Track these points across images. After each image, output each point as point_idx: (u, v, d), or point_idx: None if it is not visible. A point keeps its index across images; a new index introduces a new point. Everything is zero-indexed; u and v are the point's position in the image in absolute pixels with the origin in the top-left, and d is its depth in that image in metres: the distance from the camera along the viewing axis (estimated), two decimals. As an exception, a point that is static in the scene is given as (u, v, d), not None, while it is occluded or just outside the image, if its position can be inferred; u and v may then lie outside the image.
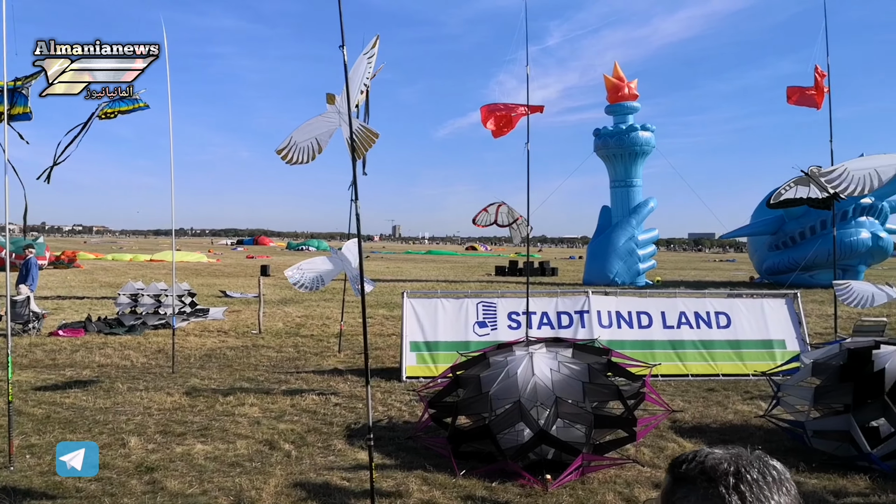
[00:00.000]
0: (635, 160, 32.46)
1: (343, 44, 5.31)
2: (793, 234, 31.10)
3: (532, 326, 11.01)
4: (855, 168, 5.18)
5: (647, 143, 32.27)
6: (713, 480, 1.15)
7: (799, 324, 11.46)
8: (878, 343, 7.52)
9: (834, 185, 5.20)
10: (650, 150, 32.64)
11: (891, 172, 5.16)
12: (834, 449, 6.99)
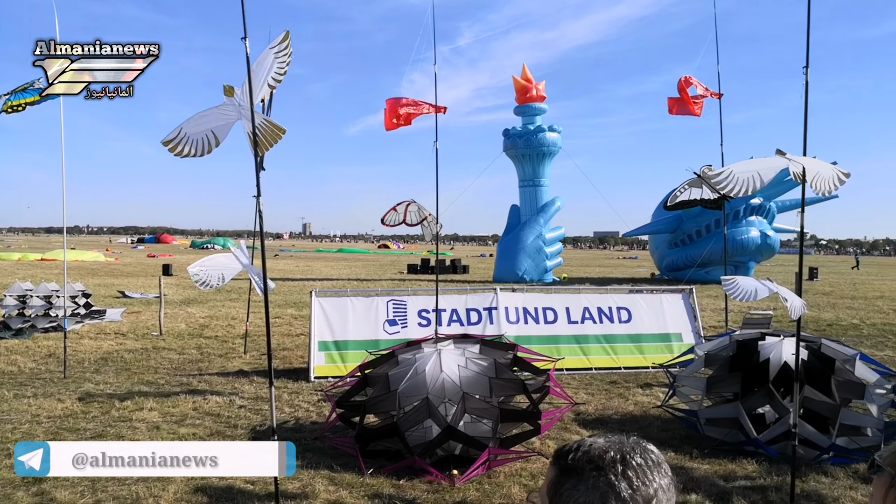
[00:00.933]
0: (543, 160, 33.20)
1: (245, 36, 5.17)
2: (689, 232, 32.69)
3: (442, 324, 11.08)
4: (739, 170, 5.48)
5: (554, 144, 33.06)
6: (601, 469, 1.16)
7: (694, 318, 12.05)
8: (763, 335, 8.01)
9: (721, 187, 5.47)
10: (557, 150, 33.47)
11: (771, 174, 5.50)
12: (724, 435, 7.39)
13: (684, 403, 8.16)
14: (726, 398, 7.84)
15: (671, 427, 8.01)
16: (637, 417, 8.54)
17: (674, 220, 32.69)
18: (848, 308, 22.04)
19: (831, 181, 5.83)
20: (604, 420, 8.40)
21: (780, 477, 6.34)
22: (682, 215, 31.75)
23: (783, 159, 5.52)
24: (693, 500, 5.80)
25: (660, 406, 8.45)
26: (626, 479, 1.15)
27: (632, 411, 8.82)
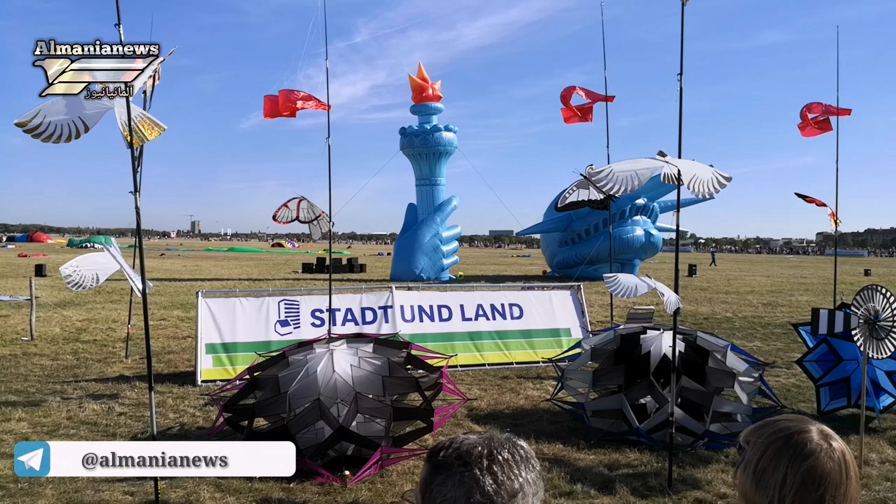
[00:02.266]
0: (439, 160, 33.45)
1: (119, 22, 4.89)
2: (579, 231, 33.88)
3: (336, 323, 10.94)
4: (619, 170, 5.71)
5: (450, 144, 33.38)
6: (468, 464, 1.18)
7: (582, 313, 12.50)
8: (645, 329, 8.41)
9: (602, 185, 5.69)
10: (453, 150, 33.81)
11: (648, 174, 5.77)
12: (609, 426, 7.69)
13: (572, 396, 8.43)
14: (611, 390, 8.16)
15: (560, 419, 8.25)
16: (528, 411, 8.75)
17: (564, 220, 33.75)
18: (722, 302, 23.52)
19: (710, 184, 6.17)
20: (496, 415, 8.55)
21: (659, 463, 6.66)
22: (572, 215, 32.82)
23: (660, 161, 5.80)
24: (578, 490, 5.99)
25: (549, 399, 8.70)
26: (490, 473, 1.17)
27: (523, 405, 9.03)
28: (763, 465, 1.36)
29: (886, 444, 7.44)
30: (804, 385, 9.87)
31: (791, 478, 1.31)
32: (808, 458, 1.32)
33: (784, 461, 1.33)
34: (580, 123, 13.89)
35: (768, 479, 1.34)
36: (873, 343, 6.76)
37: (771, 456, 1.35)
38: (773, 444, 1.36)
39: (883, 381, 8.47)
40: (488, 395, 9.49)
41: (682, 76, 5.64)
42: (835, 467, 1.32)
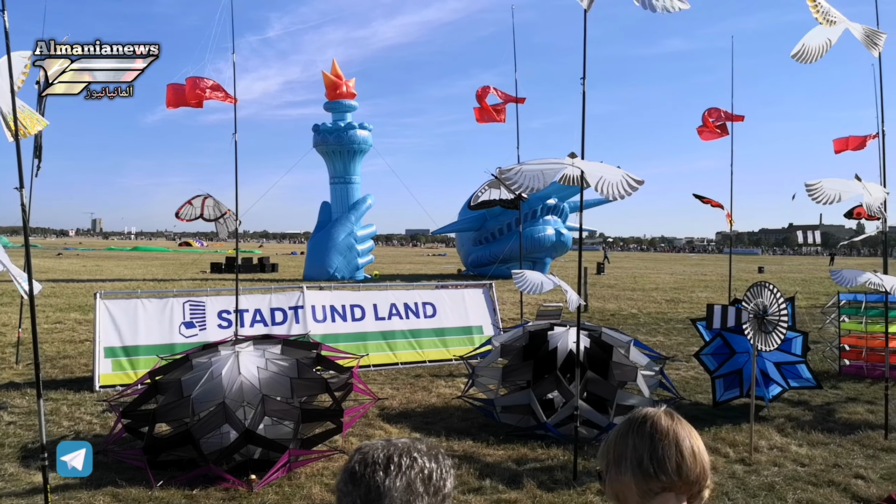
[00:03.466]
0: (354, 158, 33.18)
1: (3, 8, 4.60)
2: (493, 230, 34.34)
3: (244, 325, 10.68)
4: (528, 169, 5.84)
5: (364, 142, 33.15)
6: (369, 466, 1.29)
7: (494, 311, 12.68)
8: (552, 325, 8.61)
9: (511, 183, 5.80)
10: (368, 148, 33.60)
11: (554, 174, 5.93)
12: (517, 421, 7.84)
13: (482, 393, 8.54)
14: (520, 386, 8.31)
15: (470, 416, 8.34)
16: (439, 409, 8.80)
17: (478, 219, 34.13)
18: (628, 299, 24.38)
19: (619, 186, 6.39)
20: (408, 413, 8.56)
21: (565, 457, 6.83)
22: (486, 214, 33.25)
23: (567, 162, 5.97)
24: (487, 485, 6.07)
25: (460, 397, 8.78)
26: (388, 475, 1.27)
27: (434, 403, 9.08)
28: (618, 451, 1.55)
29: (775, 432, 7.90)
30: (702, 377, 10.35)
31: (637, 439, 1.53)
32: (646, 422, 1.55)
33: (629, 434, 1.55)
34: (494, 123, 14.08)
35: (623, 456, 1.53)
36: (762, 336, 7.18)
37: (619, 439, 1.57)
38: (619, 431, 1.59)
39: (772, 372, 9.00)
40: (400, 394, 9.49)
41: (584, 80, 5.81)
42: (672, 423, 1.54)
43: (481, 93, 12.18)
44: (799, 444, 7.44)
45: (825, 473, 6.52)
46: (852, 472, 6.57)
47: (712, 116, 14.71)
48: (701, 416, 8.59)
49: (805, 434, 7.79)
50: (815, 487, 6.16)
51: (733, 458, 6.96)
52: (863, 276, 7.93)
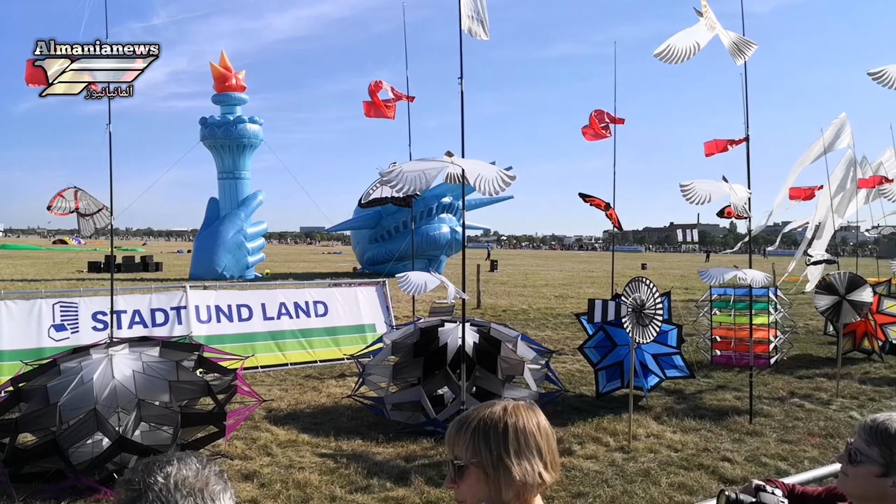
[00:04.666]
0: (243, 152, 32.20)
1: None
2: (388, 228, 34.28)
3: (121, 326, 10.13)
4: (408, 169, 5.86)
5: (255, 136, 32.25)
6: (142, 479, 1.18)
7: (387, 309, 12.64)
8: (443, 322, 8.68)
9: (393, 185, 5.80)
10: (258, 142, 32.70)
11: (435, 173, 5.99)
12: (407, 418, 7.85)
13: (373, 391, 8.49)
14: (410, 383, 8.33)
15: (360, 415, 8.28)
16: (329, 409, 8.67)
17: (374, 217, 33.99)
18: (520, 295, 25.00)
19: (494, 183, 6.52)
20: (296, 415, 8.38)
21: (454, 451, 6.89)
22: (382, 212, 33.15)
23: (447, 160, 6.03)
24: (375, 484, 6.04)
25: (349, 396, 8.69)
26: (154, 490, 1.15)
27: (324, 403, 8.94)
28: (469, 447, 1.55)
29: (652, 420, 8.31)
30: (587, 370, 10.72)
31: (471, 434, 1.56)
32: (476, 418, 1.59)
33: (465, 431, 1.58)
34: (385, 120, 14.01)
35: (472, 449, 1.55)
36: (639, 329, 7.53)
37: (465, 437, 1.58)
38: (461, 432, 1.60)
39: (650, 363, 9.46)
40: (289, 395, 9.29)
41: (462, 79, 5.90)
42: (498, 411, 1.59)
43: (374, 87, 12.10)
44: (673, 431, 7.85)
45: (696, 457, 6.91)
46: (720, 455, 7.00)
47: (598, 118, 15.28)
48: (585, 407, 8.91)
49: (679, 421, 8.24)
50: (686, 471, 6.52)
51: (613, 447, 7.26)
52: (728, 273, 8.46)
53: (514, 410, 1.60)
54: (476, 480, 1.55)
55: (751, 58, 8.29)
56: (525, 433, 1.56)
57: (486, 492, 1.56)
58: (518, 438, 1.54)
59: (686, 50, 7.50)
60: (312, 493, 5.84)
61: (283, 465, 6.55)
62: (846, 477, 2.01)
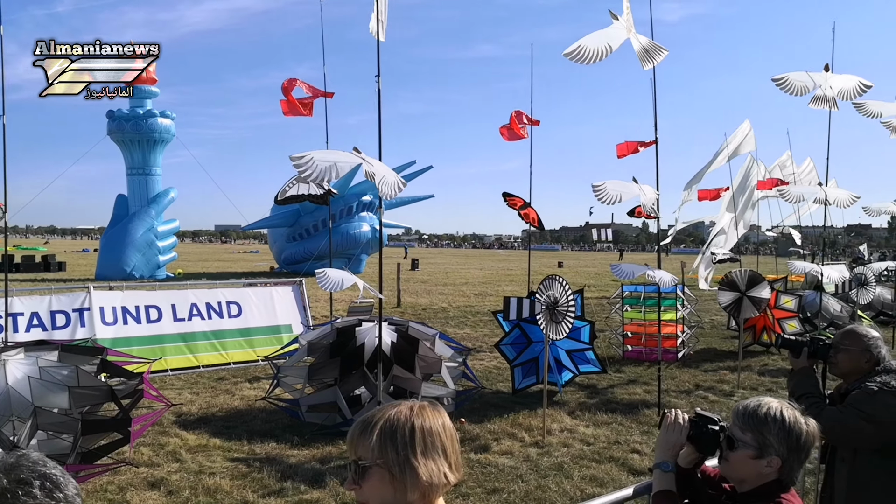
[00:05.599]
0: (154, 147, 30.99)
1: None
2: (307, 226, 33.73)
3: (18, 330, 9.57)
4: (320, 158, 5.79)
5: (166, 131, 31.09)
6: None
7: (304, 308, 12.43)
8: (360, 321, 8.60)
9: (301, 171, 5.70)
10: (170, 137, 31.55)
11: (346, 168, 5.95)
12: (323, 420, 7.75)
13: (288, 393, 8.33)
14: (327, 384, 8.22)
15: (275, 418, 8.11)
16: (242, 412, 8.46)
17: (292, 215, 33.39)
18: (440, 294, 25.11)
19: (393, 186, 6.57)
20: (207, 419, 8.13)
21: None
22: (300, 210, 32.61)
23: (358, 157, 6.00)
24: (288, 487, 5.93)
25: (264, 398, 8.50)
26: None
27: (237, 406, 8.71)
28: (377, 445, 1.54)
29: (566, 415, 8.50)
30: (504, 367, 10.87)
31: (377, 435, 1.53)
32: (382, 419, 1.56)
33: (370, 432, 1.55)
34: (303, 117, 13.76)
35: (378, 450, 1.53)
36: (553, 326, 7.69)
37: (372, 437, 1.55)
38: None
39: (564, 359, 9.69)
40: (200, 399, 9.00)
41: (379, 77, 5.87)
42: (405, 411, 1.56)
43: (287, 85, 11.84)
44: (586, 425, 8.06)
45: (607, 450, 7.12)
46: (630, 447, 7.24)
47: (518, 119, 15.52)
48: (501, 403, 9.03)
49: (591, 415, 8.47)
50: (597, 464, 6.71)
51: (528, 442, 7.38)
52: (639, 270, 8.75)
53: (420, 411, 1.58)
54: (380, 481, 1.53)
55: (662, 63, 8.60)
56: (431, 433, 1.55)
57: (391, 492, 1.54)
58: (425, 439, 1.53)
59: (597, 52, 7.70)
60: (223, 499, 5.68)
61: (193, 471, 6.34)
62: (726, 462, 2.14)
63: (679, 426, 2.22)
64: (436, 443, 1.54)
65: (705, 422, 2.21)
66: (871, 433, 3.07)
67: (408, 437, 1.53)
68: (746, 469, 2.10)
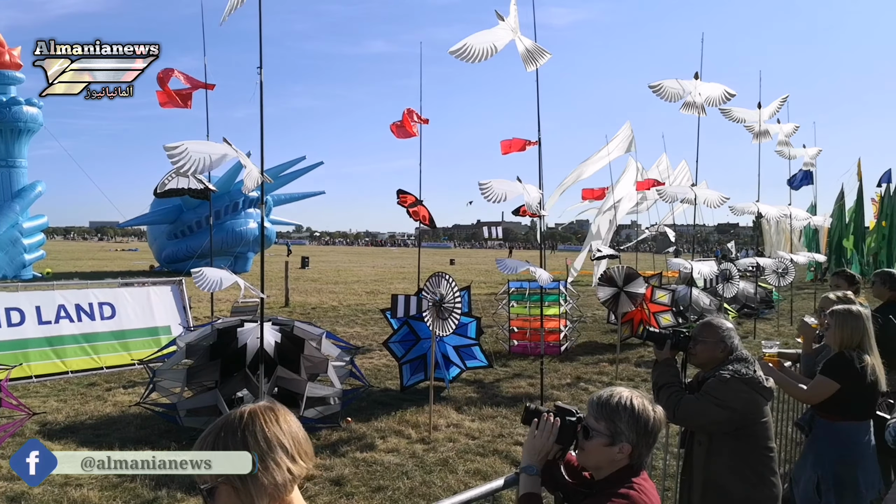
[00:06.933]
0: (18, 137, 28.73)
1: None
2: (190, 223, 32.35)
3: None
4: (194, 149, 5.59)
5: (32, 120, 28.89)
6: None
7: (184, 309, 11.91)
8: (243, 321, 8.34)
9: (174, 161, 5.48)
10: (37, 127, 29.35)
11: (221, 160, 5.79)
12: (203, 424, 7.43)
13: (165, 397, 7.96)
14: (207, 386, 7.92)
15: (151, 423, 7.74)
16: (115, 419, 8.01)
17: (173, 211, 31.96)
18: (330, 292, 24.78)
19: (258, 181, 6.46)
20: (75, 427, 7.64)
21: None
22: (182, 206, 31.28)
23: (230, 148, 5.84)
24: (163, 495, 5.68)
25: (138, 403, 8.08)
26: None
27: (110, 413, 8.25)
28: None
29: (452, 410, 8.60)
30: (393, 365, 10.86)
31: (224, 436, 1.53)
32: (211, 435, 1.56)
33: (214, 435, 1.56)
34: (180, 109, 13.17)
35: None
36: (440, 322, 7.76)
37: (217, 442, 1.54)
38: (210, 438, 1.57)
39: (452, 355, 9.81)
40: (68, 406, 8.44)
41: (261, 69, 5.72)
42: (234, 421, 1.56)
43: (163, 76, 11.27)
44: (472, 420, 8.19)
45: (491, 444, 7.27)
46: (513, 439, 7.41)
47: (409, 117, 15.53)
48: (389, 401, 9.02)
49: (477, 410, 8.61)
50: (482, 457, 6.83)
51: (415, 439, 7.42)
52: (522, 266, 8.98)
53: (251, 415, 1.56)
54: (228, 498, 1.50)
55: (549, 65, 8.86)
56: (266, 436, 1.53)
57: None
58: (259, 444, 1.51)
59: (482, 51, 7.84)
60: (90, 512, 5.35)
61: (58, 483, 5.93)
62: (583, 451, 2.24)
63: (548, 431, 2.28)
64: (272, 443, 1.53)
65: (564, 414, 2.29)
66: (724, 418, 3.29)
67: (240, 448, 1.51)
68: (601, 456, 2.20)
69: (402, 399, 9.11)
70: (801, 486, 4.24)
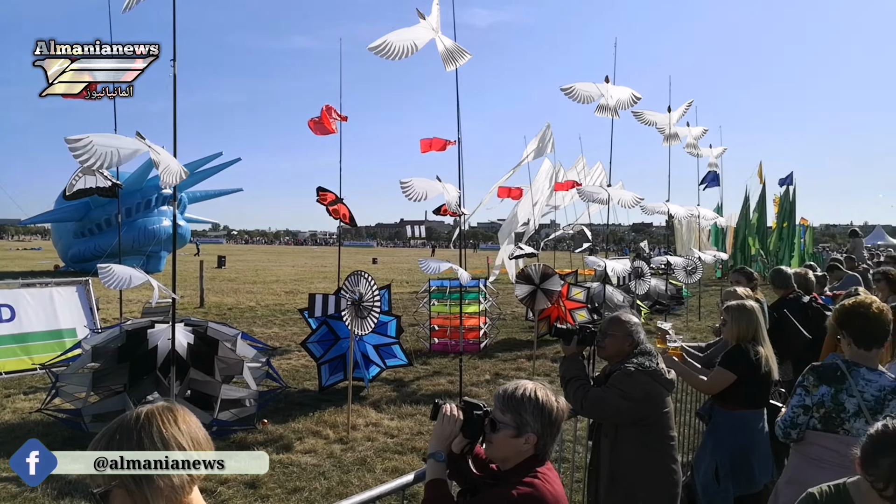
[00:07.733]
0: None
1: None
2: (99, 221, 30.95)
3: None
4: (99, 142, 5.37)
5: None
6: None
7: (91, 310, 11.41)
8: (153, 323, 8.07)
9: (79, 156, 5.26)
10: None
11: (130, 154, 5.61)
12: (110, 429, 7.16)
13: (69, 403, 7.61)
14: (115, 390, 7.63)
15: (54, 430, 7.39)
16: (14, 426, 7.61)
17: (81, 208, 30.46)
18: (248, 292, 24.23)
19: (177, 175, 6.30)
20: (-31, 437, 7.20)
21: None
22: (90, 203, 29.88)
23: (143, 143, 5.65)
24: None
25: (39, 410, 7.70)
26: None
27: (8, 420, 7.82)
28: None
29: (371, 409, 8.59)
30: (311, 365, 10.74)
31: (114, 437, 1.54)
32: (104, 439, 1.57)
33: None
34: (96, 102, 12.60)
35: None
36: (359, 321, 7.73)
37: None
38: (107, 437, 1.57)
39: (372, 354, 9.78)
40: (-39, 415, 7.95)
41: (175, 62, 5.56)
42: (129, 423, 1.56)
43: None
44: (391, 418, 8.20)
45: (410, 441, 7.30)
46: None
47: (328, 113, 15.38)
48: (307, 402, 8.92)
49: (397, 408, 8.63)
50: (400, 455, 6.85)
51: (333, 439, 7.37)
52: (444, 265, 9.06)
53: (148, 416, 1.54)
54: (122, 500, 1.47)
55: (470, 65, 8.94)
56: (163, 437, 1.50)
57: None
58: (155, 445, 1.48)
59: (402, 49, 7.86)
60: (-15, 526, 5.08)
61: (-51, 497, 5.59)
62: (490, 444, 2.31)
63: (453, 418, 2.34)
64: (170, 444, 1.51)
65: (471, 408, 2.35)
66: (628, 409, 3.44)
67: (136, 450, 1.49)
68: (508, 448, 2.27)
69: (321, 399, 9.02)
70: (700, 472, 4.47)
